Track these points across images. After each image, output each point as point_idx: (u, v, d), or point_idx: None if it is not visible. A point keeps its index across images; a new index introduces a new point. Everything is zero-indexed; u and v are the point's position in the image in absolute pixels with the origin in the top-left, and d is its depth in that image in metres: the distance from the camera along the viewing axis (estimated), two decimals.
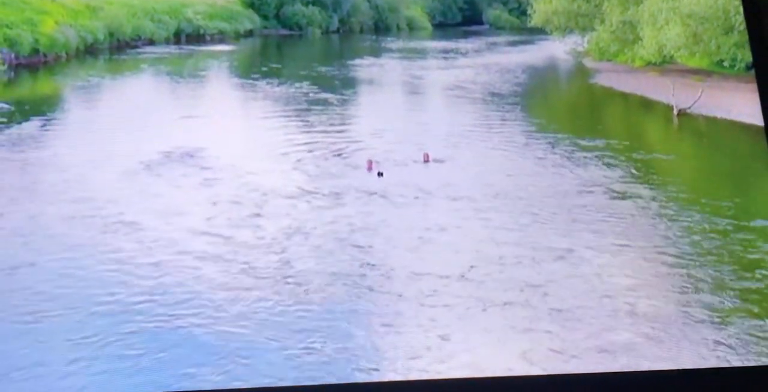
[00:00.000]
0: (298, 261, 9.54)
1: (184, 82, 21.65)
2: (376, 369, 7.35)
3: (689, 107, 17.47)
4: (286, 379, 7.22)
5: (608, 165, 13.43)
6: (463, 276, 8.96)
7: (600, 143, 14.90)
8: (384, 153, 13.95)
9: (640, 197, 11.66)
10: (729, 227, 10.24)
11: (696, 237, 9.96)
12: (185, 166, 13.22)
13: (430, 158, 13.53)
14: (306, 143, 14.98)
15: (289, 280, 9.02)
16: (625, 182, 12.49)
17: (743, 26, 17.39)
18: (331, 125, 16.93)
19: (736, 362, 7.25)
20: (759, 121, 15.95)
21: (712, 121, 17.06)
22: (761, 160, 13.69)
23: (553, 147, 14.70)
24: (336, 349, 7.63)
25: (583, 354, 7.41)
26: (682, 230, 10.23)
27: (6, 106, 17.01)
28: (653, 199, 11.55)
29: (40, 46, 20.05)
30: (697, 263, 9.20)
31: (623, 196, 11.79)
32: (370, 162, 13.25)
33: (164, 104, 18.85)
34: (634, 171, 13.15)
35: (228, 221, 10.79)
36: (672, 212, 10.88)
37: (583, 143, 14.85)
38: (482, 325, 7.99)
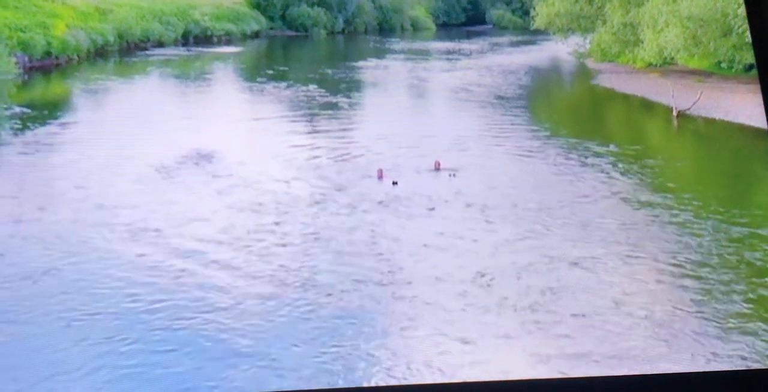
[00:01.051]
0: (317, 266, 9.68)
1: (193, 85, 21.64)
2: (396, 372, 7.53)
3: (688, 109, 17.58)
4: (309, 382, 7.34)
5: (612, 170, 13.57)
6: (479, 283, 9.10)
7: (603, 147, 14.88)
8: (395, 159, 13.88)
9: (644, 202, 11.79)
10: (738, 234, 10.38)
11: (706, 243, 10.07)
12: (200, 171, 13.24)
13: (442, 166, 13.32)
14: (315, 148, 14.98)
15: (311, 285, 9.16)
16: (627, 186, 12.65)
17: (741, 29, 17.60)
18: (340, 130, 16.96)
19: (748, 365, 7.44)
20: (757, 122, 16.06)
21: (710, 122, 17.08)
22: (763, 163, 13.81)
23: (559, 152, 14.80)
24: (356, 352, 7.83)
25: (598, 357, 7.60)
26: (690, 236, 10.34)
27: (27, 110, 17.21)
28: (656, 204, 11.64)
29: (53, 49, 20.22)
30: (708, 269, 9.32)
31: (626, 200, 11.94)
32: (380, 171, 12.99)
33: (174, 109, 18.90)
34: (633, 175, 13.24)
35: (246, 227, 10.85)
36: (679, 219, 10.99)
37: (589, 146, 14.95)
38: (499, 330, 8.17)
